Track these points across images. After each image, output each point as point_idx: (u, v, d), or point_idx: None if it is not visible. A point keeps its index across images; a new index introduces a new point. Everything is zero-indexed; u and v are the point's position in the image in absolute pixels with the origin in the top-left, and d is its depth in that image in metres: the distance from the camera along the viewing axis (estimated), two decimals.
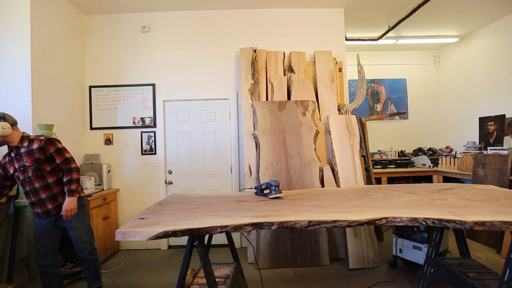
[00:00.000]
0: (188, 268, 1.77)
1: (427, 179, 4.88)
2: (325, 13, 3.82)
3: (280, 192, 2.19)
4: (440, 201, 1.93)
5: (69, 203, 2.16)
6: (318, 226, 1.54)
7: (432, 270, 2.37)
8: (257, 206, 1.93)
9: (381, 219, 1.57)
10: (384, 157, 5.12)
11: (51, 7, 3.15)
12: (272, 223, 1.54)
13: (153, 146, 3.72)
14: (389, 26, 4.36)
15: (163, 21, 3.77)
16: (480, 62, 4.66)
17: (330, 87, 3.59)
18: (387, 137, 5.50)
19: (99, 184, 3.44)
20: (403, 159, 4.97)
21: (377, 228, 3.88)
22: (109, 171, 3.61)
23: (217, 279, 2.11)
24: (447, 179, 4.54)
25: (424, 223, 1.56)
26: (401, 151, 5.24)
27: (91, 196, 3.07)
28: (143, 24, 3.74)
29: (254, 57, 3.57)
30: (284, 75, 3.62)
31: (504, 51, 4.25)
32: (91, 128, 3.72)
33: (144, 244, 3.69)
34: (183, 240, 3.50)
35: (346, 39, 4.69)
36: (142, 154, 3.73)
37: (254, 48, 3.60)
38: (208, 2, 3.59)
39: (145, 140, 3.73)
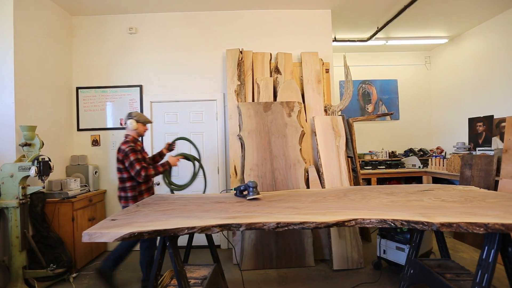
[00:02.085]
0: (161, 270, 1.77)
1: (418, 179, 4.88)
2: (312, 14, 3.82)
3: (258, 193, 2.20)
4: (415, 202, 1.93)
5: None
6: (286, 228, 1.54)
7: (412, 271, 2.38)
8: (231, 208, 1.93)
9: (350, 220, 1.57)
10: (375, 157, 5.13)
11: (36, 8, 3.16)
12: (240, 225, 1.54)
13: None
14: (377, 27, 4.37)
15: (150, 23, 3.78)
16: (470, 63, 4.67)
17: (317, 88, 3.59)
18: (379, 138, 5.51)
19: (85, 185, 3.44)
20: (394, 160, 4.97)
21: (365, 229, 3.89)
22: (96, 172, 3.61)
23: (194, 281, 2.11)
24: (437, 179, 4.53)
25: (392, 224, 1.56)
26: (392, 152, 5.24)
27: (75, 197, 3.07)
28: (130, 25, 3.74)
29: (240, 58, 3.57)
30: (271, 76, 3.63)
31: (492, 52, 4.26)
32: (78, 129, 3.72)
33: None
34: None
35: (336, 40, 4.71)
36: None
37: (241, 49, 3.61)
38: (195, 3, 3.60)
39: None
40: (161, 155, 2.96)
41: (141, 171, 2.48)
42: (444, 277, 2.07)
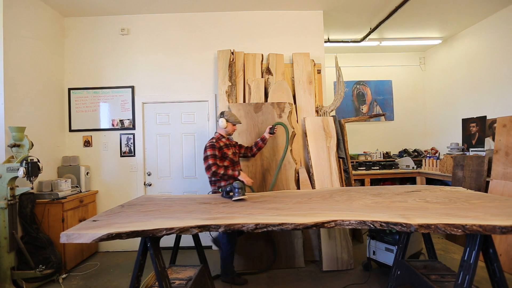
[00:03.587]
0: (142, 270, 1.76)
1: (412, 180, 4.87)
2: (304, 15, 3.83)
3: (244, 194, 2.20)
4: (399, 204, 1.93)
5: None
6: (265, 229, 1.54)
7: (398, 272, 2.37)
8: (215, 209, 1.93)
9: (329, 222, 1.57)
10: (369, 158, 5.12)
11: (27, 10, 3.17)
12: (219, 226, 1.55)
13: (132, 148, 3.73)
14: (370, 28, 4.37)
15: (142, 24, 3.78)
16: (463, 64, 4.66)
17: (308, 88, 3.59)
18: (374, 139, 5.51)
19: (77, 186, 3.45)
20: (388, 161, 4.97)
21: (357, 230, 3.88)
22: (87, 173, 3.61)
23: (179, 281, 2.11)
24: (430, 180, 4.53)
25: (372, 226, 1.56)
26: (386, 153, 5.24)
27: (65, 198, 3.08)
28: (122, 26, 3.75)
29: (231, 59, 3.58)
30: (262, 77, 3.63)
31: (485, 53, 4.25)
32: (70, 130, 3.72)
33: (123, 246, 3.69)
34: (164, 242, 3.47)
35: (330, 41, 4.72)
36: (121, 156, 3.74)
37: (232, 50, 3.61)
38: (187, 5, 3.60)
39: (124, 142, 3.73)
40: (263, 140, 3.05)
41: (212, 166, 2.63)
42: (428, 278, 2.07)
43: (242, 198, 2.17)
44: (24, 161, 2.60)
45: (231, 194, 2.29)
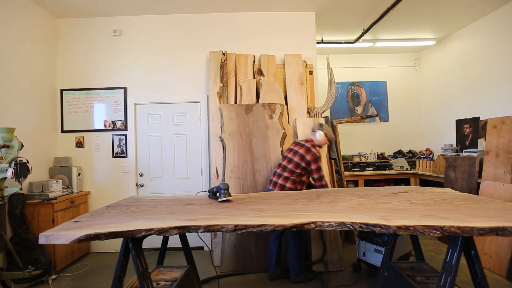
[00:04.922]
0: (125, 271, 1.76)
1: (406, 181, 4.87)
2: (296, 16, 3.83)
3: (229, 196, 2.20)
4: (383, 205, 1.93)
5: None
6: (244, 230, 1.55)
7: (386, 274, 2.37)
8: (199, 209, 1.93)
9: (309, 223, 1.57)
10: (363, 159, 5.12)
11: (19, 11, 3.18)
12: (198, 227, 1.55)
13: (124, 149, 3.73)
14: (363, 29, 4.37)
15: (134, 25, 3.79)
16: (457, 65, 4.66)
17: (300, 90, 3.59)
18: (369, 140, 5.50)
19: (68, 187, 3.45)
20: (382, 162, 4.97)
21: (350, 231, 3.88)
22: (79, 174, 3.62)
23: (164, 283, 2.11)
24: (425, 181, 4.52)
25: (351, 227, 1.56)
26: (381, 154, 5.24)
27: (55, 199, 3.08)
28: (115, 27, 3.76)
29: (223, 60, 3.58)
30: (254, 78, 3.63)
31: (478, 54, 4.25)
32: (62, 131, 3.73)
33: (114, 247, 3.69)
34: (155, 242, 3.45)
35: (323, 42, 4.72)
36: (114, 157, 3.74)
37: (224, 52, 3.62)
38: (179, 6, 3.61)
39: (116, 143, 3.74)
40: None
41: (323, 178, 2.79)
42: (414, 279, 2.07)
43: (228, 199, 2.18)
44: (13, 162, 2.60)
45: (217, 195, 2.28)
